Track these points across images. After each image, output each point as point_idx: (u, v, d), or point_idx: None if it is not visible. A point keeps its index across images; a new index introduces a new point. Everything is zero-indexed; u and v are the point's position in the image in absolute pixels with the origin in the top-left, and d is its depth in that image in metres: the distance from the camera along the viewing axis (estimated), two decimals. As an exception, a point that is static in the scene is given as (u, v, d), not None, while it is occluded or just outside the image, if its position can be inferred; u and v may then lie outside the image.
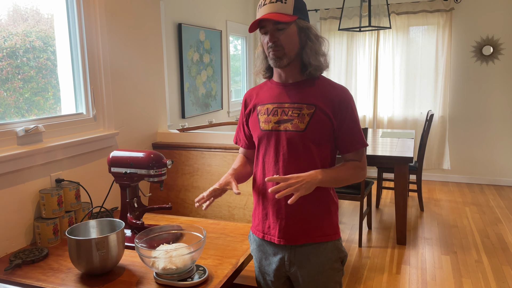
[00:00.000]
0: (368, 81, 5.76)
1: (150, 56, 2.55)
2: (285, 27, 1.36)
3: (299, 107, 1.41)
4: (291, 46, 1.38)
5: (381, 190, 4.74)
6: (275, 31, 1.36)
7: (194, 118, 4.50)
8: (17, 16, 1.85)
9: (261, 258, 1.53)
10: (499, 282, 2.98)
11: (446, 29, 5.31)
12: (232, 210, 2.29)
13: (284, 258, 1.47)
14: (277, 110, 1.44)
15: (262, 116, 1.47)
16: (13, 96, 1.84)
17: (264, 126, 1.45)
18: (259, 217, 1.52)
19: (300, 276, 1.47)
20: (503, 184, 5.41)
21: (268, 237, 1.49)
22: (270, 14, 1.34)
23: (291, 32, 1.37)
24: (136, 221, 1.75)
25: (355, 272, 3.16)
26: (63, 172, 1.95)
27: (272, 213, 1.46)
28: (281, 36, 1.36)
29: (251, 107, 1.53)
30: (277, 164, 1.44)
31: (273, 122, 1.43)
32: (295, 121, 1.40)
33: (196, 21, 4.49)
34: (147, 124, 2.57)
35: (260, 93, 1.52)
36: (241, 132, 1.62)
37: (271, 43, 1.37)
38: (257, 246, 1.54)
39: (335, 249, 1.47)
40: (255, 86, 1.59)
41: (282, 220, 1.45)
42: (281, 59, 1.38)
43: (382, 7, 4.62)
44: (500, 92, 5.27)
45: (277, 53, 1.37)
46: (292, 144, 1.41)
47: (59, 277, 1.48)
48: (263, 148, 1.47)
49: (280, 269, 1.49)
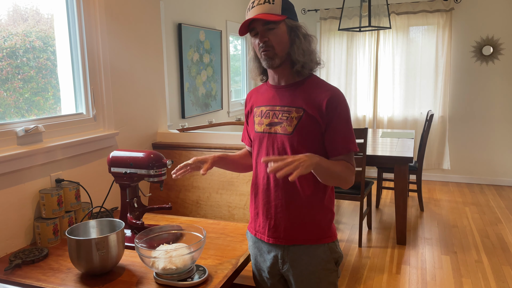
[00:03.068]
0: (368, 81, 5.76)
1: (150, 56, 2.55)
2: (275, 27, 1.38)
3: (288, 110, 1.43)
4: (281, 45, 1.39)
5: (381, 190, 4.74)
6: (265, 31, 1.38)
7: (194, 118, 4.50)
8: (17, 16, 1.85)
9: (256, 254, 1.57)
10: (499, 282, 2.98)
11: (446, 29, 5.31)
12: (232, 210, 2.29)
13: (277, 256, 1.49)
14: (269, 112, 1.47)
15: (257, 118, 1.50)
16: (13, 96, 1.84)
17: (258, 128, 1.49)
18: (252, 215, 1.57)
19: (292, 275, 1.48)
20: (503, 184, 5.41)
21: (259, 235, 1.53)
22: (259, 15, 1.36)
23: (280, 32, 1.39)
24: (136, 221, 1.75)
25: (355, 272, 3.16)
26: (63, 172, 1.95)
27: (262, 212, 1.50)
28: (271, 36, 1.38)
29: (249, 108, 1.58)
30: (267, 165, 1.45)
31: (265, 124, 1.47)
32: (284, 124, 1.43)
33: (196, 21, 4.49)
34: (147, 124, 2.57)
35: (257, 95, 1.56)
36: (245, 131, 1.66)
37: (261, 43, 1.39)
38: (252, 243, 1.58)
39: (328, 250, 1.48)
40: (256, 87, 1.61)
41: (271, 219, 1.48)
42: (272, 59, 1.40)
43: (382, 7, 4.62)
44: (500, 92, 5.27)
45: (268, 53, 1.39)
46: (281, 147, 1.44)
47: (59, 277, 1.48)
48: (256, 150, 1.51)
49: (274, 266, 1.51)
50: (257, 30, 1.40)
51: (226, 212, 2.30)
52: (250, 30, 1.42)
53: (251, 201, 1.57)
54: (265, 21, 1.37)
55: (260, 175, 1.50)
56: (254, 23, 1.39)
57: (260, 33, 1.39)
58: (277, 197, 1.45)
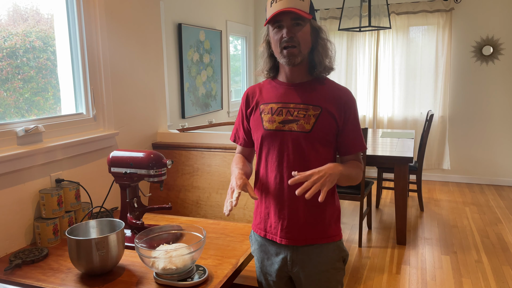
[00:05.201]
0: (368, 81, 5.76)
1: (150, 56, 2.55)
2: (303, 24, 1.35)
3: (305, 108, 1.40)
4: (305, 44, 1.37)
5: (381, 190, 4.74)
6: (293, 26, 1.34)
7: (194, 118, 4.50)
8: (17, 16, 1.85)
9: (263, 258, 1.53)
10: (499, 282, 2.98)
11: (446, 29, 5.31)
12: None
13: (286, 258, 1.47)
14: (281, 110, 1.43)
15: (266, 115, 1.45)
16: (13, 96, 1.84)
17: (268, 125, 1.44)
18: (261, 216, 1.51)
19: (302, 276, 1.47)
20: (503, 184, 5.41)
21: (270, 236, 1.48)
22: (292, 8, 1.30)
23: (306, 30, 1.37)
24: (136, 221, 1.75)
25: (355, 272, 3.16)
26: (63, 172, 1.95)
27: (274, 212, 1.46)
28: (298, 32, 1.34)
29: (254, 104, 1.50)
30: (281, 164, 1.43)
31: (278, 122, 1.42)
32: (301, 122, 1.40)
33: (196, 21, 4.49)
34: (147, 124, 2.57)
35: (263, 92, 1.49)
36: (241, 129, 1.59)
37: (287, 37, 1.33)
38: (259, 246, 1.54)
39: (336, 248, 1.48)
40: (256, 83, 1.57)
41: (284, 220, 1.44)
42: (296, 57, 1.36)
43: (382, 7, 4.62)
44: (500, 92, 5.27)
45: (293, 50, 1.35)
46: (297, 145, 1.40)
47: (59, 277, 1.48)
48: (266, 148, 1.46)
49: (283, 269, 1.49)
50: (283, 23, 1.34)
51: (226, 212, 2.30)
52: (273, 22, 1.36)
53: (260, 201, 1.51)
54: (295, 15, 1.32)
55: (271, 174, 1.45)
56: (281, 15, 1.33)
57: (287, 27, 1.34)
58: (291, 197, 1.42)
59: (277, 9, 1.32)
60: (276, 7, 1.32)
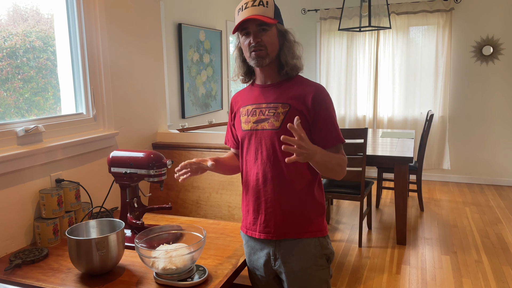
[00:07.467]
0: (368, 81, 5.76)
1: (150, 56, 2.55)
2: (268, 29, 1.45)
3: (274, 106, 1.48)
4: (272, 46, 1.46)
5: (381, 190, 4.74)
6: (259, 32, 1.44)
7: (194, 118, 4.50)
8: (17, 16, 1.85)
9: (250, 253, 1.58)
10: (499, 282, 2.98)
11: (446, 29, 5.31)
12: (232, 210, 2.29)
13: (269, 253, 1.52)
14: (255, 110, 1.52)
15: (243, 117, 1.55)
16: (13, 96, 1.84)
17: (245, 126, 1.53)
18: (243, 213, 1.60)
19: (284, 271, 1.50)
20: (503, 184, 5.41)
21: (250, 233, 1.55)
22: (256, 16, 1.41)
23: (272, 34, 1.46)
24: (136, 221, 1.75)
25: (355, 272, 3.16)
26: (63, 172, 1.95)
27: (253, 209, 1.53)
28: (263, 37, 1.44)
29: (236, 109, 1.61)
30: (256, 161, 1.50)
31: (252, 122, 1.51)
32: (271, 120, 1.47)
33: (196, 21, 4.49)
34: (147, 124, 2.57)
35: (243, 96, 1.60)
36: (229, 133, 1.70)
37: (254, 42, 1.43)
38: (245, 242, 1.61)
39: (319, 245, 1.50)
40: (240, 90, 1.67)
41: (261, 215, 1.50)
42: (263, 58, 1.45)
43: (382, 7, 4.62)
44: (500, 92, 5.27)
45: (260, 53, 1.44)
46: (269, 142, 1.47)
47: (59, 277, 1.48)
48: (245, 147, 1.55)
49: (267, 264, 1.54)
50: (249, 30, 1.45)
51: (226, 212, 2.30)
52: (241, 30, 1.47)
53: (242, 200, 1.60)
54: (260, 22, 1.43)
55: (250, 172, 1.53)
56: (248, 23, 1.44)
57: (253, 33, 1.44)
58: (266, 192, 1.48)
59: (243, 18, 1.43)
60: (242, 15, 1.44)
